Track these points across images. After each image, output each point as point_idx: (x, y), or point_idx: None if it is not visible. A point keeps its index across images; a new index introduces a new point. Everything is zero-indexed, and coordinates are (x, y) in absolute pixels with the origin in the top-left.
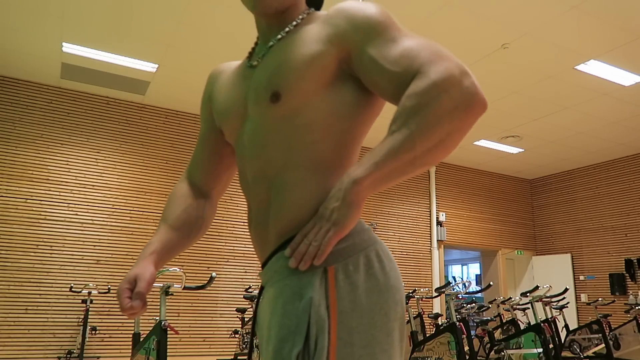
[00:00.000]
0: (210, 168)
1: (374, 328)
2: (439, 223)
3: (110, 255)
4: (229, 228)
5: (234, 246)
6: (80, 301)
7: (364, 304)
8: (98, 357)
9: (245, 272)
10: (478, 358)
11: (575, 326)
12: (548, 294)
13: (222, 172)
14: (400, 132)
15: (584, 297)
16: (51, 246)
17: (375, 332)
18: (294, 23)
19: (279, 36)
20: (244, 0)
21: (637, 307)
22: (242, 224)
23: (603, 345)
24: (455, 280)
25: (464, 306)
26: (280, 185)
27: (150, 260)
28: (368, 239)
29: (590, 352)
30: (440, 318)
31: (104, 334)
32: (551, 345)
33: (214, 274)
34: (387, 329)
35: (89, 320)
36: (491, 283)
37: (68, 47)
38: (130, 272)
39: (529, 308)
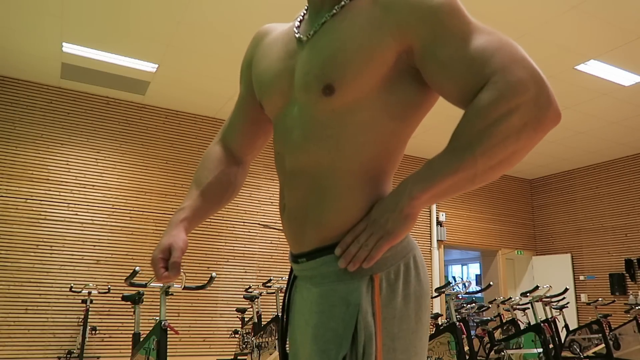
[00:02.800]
0: (245, 133)
1: (411, 333)
2: (439, 223)
3: (110, 255)
4: (229, 228)
5: (234, 246)
6: (80, 301)
7: (402, 311)
8: (98, 357)
9: (245, 272)
10: (478, 358)
11: (575, 326)
12: (548, 294)
13: (258, 138)
14: (463, 150)
15: (584, 297)
16: (51, 246)
17: (411, 337)
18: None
19: (333, 11)
20: None
21: (637, 307)
22: (242, 224)
23: (603, 345)
24: (455, 280)
25: (464, 306)
26: (326, 189)
27: (182, 227)
28: (407, 245)
29: (590, 352)
30: (440, 318)
31: (104, 334)
32: (551, 345)
33: (214, 274)
34: (419, 334)
35: (89, 320)
36: (491, 283)
37: (68, 47)
38: (162, 241)
39: (529, 308)
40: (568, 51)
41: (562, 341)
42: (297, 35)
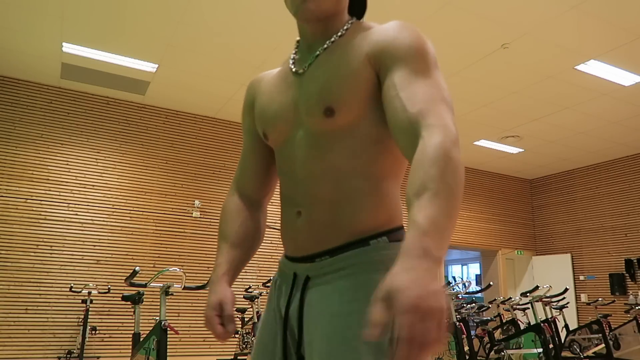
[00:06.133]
0: (261, 178)
1: None
2: None
3: (110, 255)
4: None
5: None
6: (80, 301)
7: None
8: (98, 357)
9: (245, 272)
10: (478, 358)
11: (575, 326)
12: (548, 294)
13: (272, 179)
14: (445, 192)
15: (584, 297)
16: (51, 246)
17: None
18: (339, 33)
19: (325, 45)
20: (287, 4)
21: (637, 307)
22: None
23: (603, 345)
24: (455, 280)
25: (464, 306)
26: (353, 190)
27: (224, 282)
28: None
29: (590, 352)
30: None
31: (104, 334)
32: (551, 345)
33: None
34: None
35: (89, 320)
36: (491, 283)
37: (68, 47)
38: (211, 299)
39: (529, 308)
40: (568, 51)
41: (562, 341)
42: (293, 69)
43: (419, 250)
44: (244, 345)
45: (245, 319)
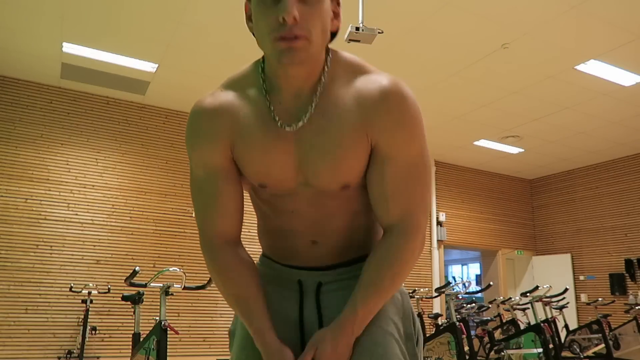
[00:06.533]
0: (241, 218)
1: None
2: (439, 223)
3: (110, 255)
4: None
5: None
6: (80, 301)
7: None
8: (98, 357)
9: None
10: (478, 358)
11: (575, 326)
12: (548, 294)
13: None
14: (386, 290)
15: (584, 297)
16: (51, 246)
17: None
18: (323, 80)
19: (314, 101)
20: (265, 47)
21: (637, 307)
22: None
23: (603, 345)
24: (455, 280)
25: (464, 306)
26: (366, 224)
27: (274, 336)
28: None
29: (590, 352)
30: (440, 318)
31: (104, 334)
32: (551, 345)
33: None
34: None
35: (89, 320)
36: (491, 283)
37: (68, 47)
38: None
39: (529, 308)
40: (568, 51)
41: (562, 341)
42: (279, 123)
43: (349, 330)
44: None
45: None
